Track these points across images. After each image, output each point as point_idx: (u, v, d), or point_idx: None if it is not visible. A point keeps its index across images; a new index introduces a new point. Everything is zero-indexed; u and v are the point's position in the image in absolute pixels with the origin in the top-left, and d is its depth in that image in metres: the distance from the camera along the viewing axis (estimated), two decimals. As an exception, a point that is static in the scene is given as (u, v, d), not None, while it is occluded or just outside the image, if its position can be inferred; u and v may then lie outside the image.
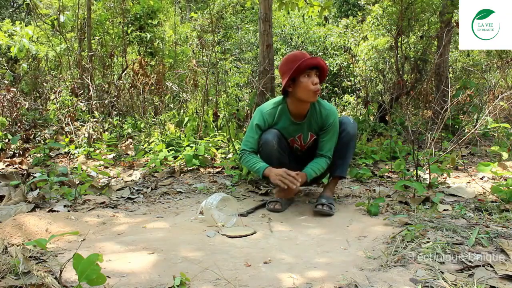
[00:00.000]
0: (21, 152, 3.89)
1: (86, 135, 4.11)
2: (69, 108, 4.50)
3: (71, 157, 3.81)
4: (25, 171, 3.04)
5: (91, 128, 4.21)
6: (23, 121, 4.47)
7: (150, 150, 3.82)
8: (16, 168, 3.39)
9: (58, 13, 5.12)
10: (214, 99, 4.93)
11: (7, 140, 4.03)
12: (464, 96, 3.99)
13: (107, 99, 4.82)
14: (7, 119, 4.36)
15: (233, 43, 8.67)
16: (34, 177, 2.59)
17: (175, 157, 3.52)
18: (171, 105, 5.76)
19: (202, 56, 5.90)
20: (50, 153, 3.86)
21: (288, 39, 8.47)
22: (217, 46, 7.22)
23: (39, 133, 4.35)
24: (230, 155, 3.58)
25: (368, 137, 4.39)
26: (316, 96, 2.14)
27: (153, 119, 4.86)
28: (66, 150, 3.91)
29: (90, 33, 5.81)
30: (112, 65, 5.88)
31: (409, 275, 1.31)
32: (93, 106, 4.70)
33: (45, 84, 5.34)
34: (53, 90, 4.76)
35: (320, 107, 2.24)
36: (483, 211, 1.99)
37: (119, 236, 1.77)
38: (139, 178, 3.08)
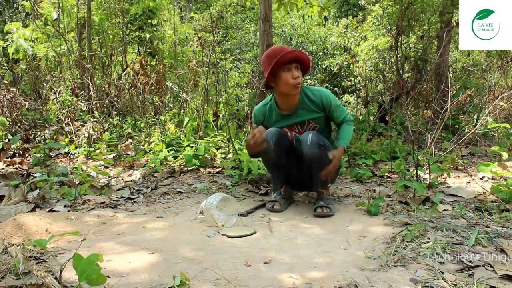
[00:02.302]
0: (21, 152, 3.89)
1: (86, 135, 4.11)
2: (69, 108, 4.50)
3: (71, 157, 3.81)
4: (25, 171, 3.04)
5: (91, 128, 4.21)
6: (23, 121, 4.47)
7: (150, 150, 3.82)
8: (16, 168, 3.39)
9: (57, 12, 5.13)
10: (214, 99, 4.93)
11: (7, 140, 4.03)
12: (464, 96, 3.98)
13: (107, 99, 4.82)
14: (7, 119, 4.36)
15: (233, 43, 8.67)
16: (34, 177, 2.59)
17: (175, 157, 3.52)
18: (171, 105, 5.76)
19: (202, 56, 5.90)
20: (50, 153, 3.86)
21: (288, 39, 8.47)
22: (217, 46, 7.22)
23: (39, 133, 4.35)
24: (230, 155, 3.57)
25: (368, 137, 4.39)
26: (297, 89, 2.16)
27: (153, 119, 4.86)
28: (66, 150, 3.91)
29: (90, 33, 5.81)
30: (112, 65, 5.88)
31: (409, 275, 1.31)
32: (93, 106, 4.70)
33: (45, 84, 5.34)
34: (53, 90, 4.76)
35: (309, 93, 2.23)
36: (483, 211, 1.99)
37: (119, 236, 1.77)
38: (139, 178, 3.08)
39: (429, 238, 1.59)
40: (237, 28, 9.24)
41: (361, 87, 6.34)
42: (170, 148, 3.72)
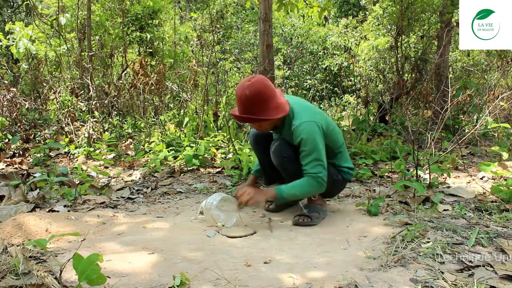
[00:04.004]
0: (21, 152, 3.89)
1: (86, 135, 4.11)
2: (69, 108, 4.50)
3: (71, 157, 3.81)
4: (25, 171, 3.03)
5: (91, 128, 4.21)
6: (23, 121, 4.47)
7: (150, 150, 3.81)
8: (16, 168, 3.39)
9: (57, 13, 5.12)
10: (214, 99, 4.93)
11: (7, 140, 4.03)
12: (464, 96, 3.98)
13: (107, 99, 4.82)
14: (7, 119, 4.36)
15: (233, 43, 8.68)
16: (34, 177, 2.58)
17: (175, 157, 3.52)
18: (171, 105, 5.76)
19: (202, 56, 5.90)
20: (50, 153, 3.86)
21: (288, 39, 8.48)
22: (217, 46, 7.22)
23: (39, 133, 4.34)
24: (230, 155, 3.57)
25: (368, 137, 4.39)
26: (259, 130, 2.12)
27: (153, 119, 4.86)
28: (66, 150, 3.91)
29: (90, 33, 5.81)
30: (112, 65, 5.88)
31: (409, 275, 1.31)
32: (93, 106, 4.70)
33: (45, 84, 5.34)
34: (53, 90, 4.76)
35: (290, 122, 1.98)
36: (483, 211, 1.99)
37: (119, 236, 1.77)
38: (139, 178, 3.07)
39: (429, 238, 1.59)
40: (237, 28, 9.25)
41: (361, 87, 6.34)
42: (170, 148, 3.72)
